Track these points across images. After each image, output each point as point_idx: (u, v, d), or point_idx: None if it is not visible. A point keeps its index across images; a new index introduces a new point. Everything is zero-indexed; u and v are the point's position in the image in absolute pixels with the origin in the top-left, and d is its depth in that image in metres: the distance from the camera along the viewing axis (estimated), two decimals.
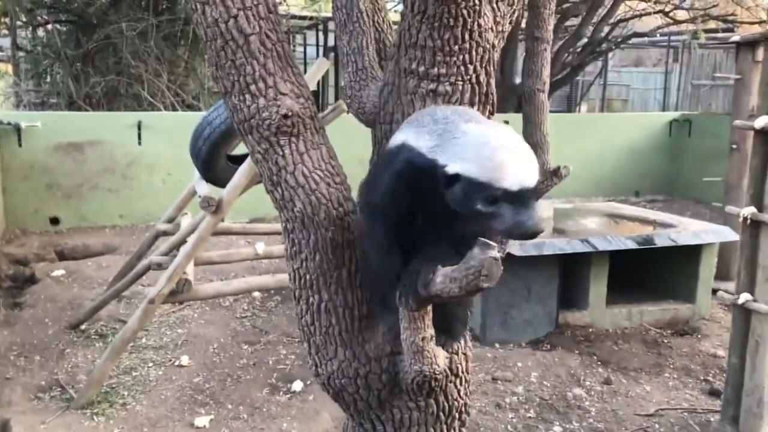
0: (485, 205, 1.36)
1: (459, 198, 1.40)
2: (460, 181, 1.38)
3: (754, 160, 3.38)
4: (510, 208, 1.34)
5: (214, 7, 1.59)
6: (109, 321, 4.95)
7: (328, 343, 1.79)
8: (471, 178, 1.36)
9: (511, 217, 1.34)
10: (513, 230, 1.36)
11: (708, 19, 10.38)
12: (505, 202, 1.34)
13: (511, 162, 1.36)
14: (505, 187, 1.34)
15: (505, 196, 1.34)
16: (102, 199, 7.73)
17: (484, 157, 1.36)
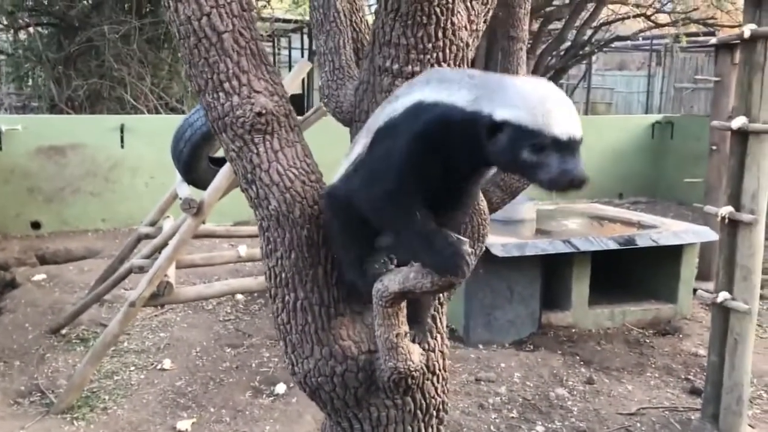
0: (532, 154, 1.32)
1: (503, 147, 1.35)
2: (506, 128, 1.34)
3: (731, 160, 3.42)
4: (557, 156, 1.31)
5: (186, 4, 1.59)
6: (91, 325, 4.91)
7: (304, 341, 1.79)
8: (520, 124, 1.32)
9: (557, 166, 1.31)
10: (559, 178, 1.32)
11: (689, 23, 10.49)
12: (552, 151, 1.32)
13: (560, 111, 1.34)
14: (554, 134, 1.31)
15: (554, 144, 1.31)
16: (84, 202, 7.67)
17: (533, 105, 1.33)
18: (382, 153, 1.53)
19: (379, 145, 1.55)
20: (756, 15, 3.24)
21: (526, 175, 1.39)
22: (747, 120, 3.26)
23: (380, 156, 1.54)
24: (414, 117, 1.48)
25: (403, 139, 1.48)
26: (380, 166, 1.53)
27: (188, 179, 4.38)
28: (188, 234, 3.91)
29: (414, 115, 1.48)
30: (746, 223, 3.29)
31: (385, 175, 1.50)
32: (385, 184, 1.50)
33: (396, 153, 1.49)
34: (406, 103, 1.51)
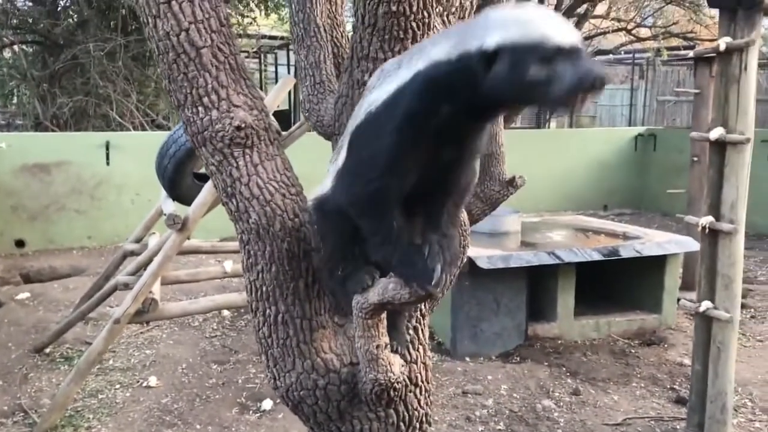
0: (541, 68, 1.19)
1: (506, 74, 1.22)
2: (503, 54, 1.22)
3: (710, 170, 3.46)
4: (567, 64, 1.19)
5: (165, 20, 1.60)
6: (75, 343, 4.87)
7: (286, 355, 1.79)
8: (517, 43, 1.21)
9: (571, 72, 1.18)
10: (581, 82, 1.18)
11: (669, 37, 10.66)
12: (559, 60, 1.19)
13: (552, 22, 1.23)
14: (556, 43, 1.20)
15: (560, 52, 1.20)
16: (69, 220, 7.63)
17: (523, 22, 1.22)
18: (364, 152, 1.45)
19: (361, 147, 1.47)
20: (731, 28, 3.30)
21: (539, 95, 1.24)
22: (724, 131, 3.31)
23: (361, 155, 1.46)
24: (393, 105, 1.38)
25: (388, 130, 1.38)
26: (362, 164, 1.45)
27: (173, 195, 4.38)
28: (173, 250, 3.90)
29: (393, 103, 1.38)
30: (726, 232, 3.33)
31: (368, 172, 1.42)
32: (367, 185, 1.43)
33: (382, 146, 1.39)
34: (381, 95, 1.42)
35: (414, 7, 1.64)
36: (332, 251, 1.67)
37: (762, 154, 7.95)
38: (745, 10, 3.26)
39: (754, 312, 5.59)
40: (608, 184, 10.10)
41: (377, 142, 1.41)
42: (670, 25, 10.60)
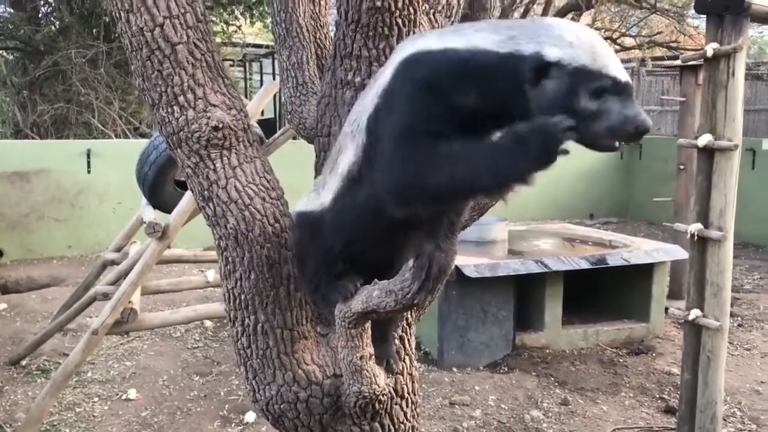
0: (591, 101, 1.13)
1: (555, 93, 1.15)
2: (559, 71, 1.14)
3: (698, 177, 3.43)
4: (618, 101, 1.13)
5: (138, 15, 1.53)
6: (53, 355, 4.75)
7: (266, 366, 1.71)
8: (578, 65, 1.13)
9: (620, 112, 1.12)
10: (624, 126, 1.12)
11: (653, 46, 10.74)
12: (612, 95, 1.13)
13: (611, 53, 1.16)
14: (615, 75, 1.13)
15: (614, 87, 1.13)
16: (49, 229, 7.49)
17: (586, 44, 1.14)
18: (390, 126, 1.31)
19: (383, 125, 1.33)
20: (718, 34, 3.28)
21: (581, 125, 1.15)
22: (712, 137, 3.29)
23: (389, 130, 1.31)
24: (414, 67, 1.27)
25: (405, 95, 1.27)
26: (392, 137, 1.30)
27: (154, 203, 4.28)
28: (153, 259, 3.80)
29: (413, 65, 1.27)
30: (715, 240, 3.29)
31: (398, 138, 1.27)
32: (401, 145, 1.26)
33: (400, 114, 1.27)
34: (395, 64, 1.31)
35: (399, 3, 1.58)
36: (317, 269, 1.60)
37: (747, 162, 7.99)
38: (732, 15, 3.24)
39: (741, 320, 5.58)
40: (595, 192, 10.11)
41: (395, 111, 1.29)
42: (654, 34, 10.69)
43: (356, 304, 1.44)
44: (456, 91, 1.24)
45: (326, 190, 1.55)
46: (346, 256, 1.55)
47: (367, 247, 1.53)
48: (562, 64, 1.15)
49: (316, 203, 1.58)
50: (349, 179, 1.46)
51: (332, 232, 1.53)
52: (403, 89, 1.29)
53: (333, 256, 1.56)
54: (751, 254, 8.04)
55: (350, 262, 1.55)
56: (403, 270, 1.32)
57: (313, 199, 1.60)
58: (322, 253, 1.58)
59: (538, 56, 1.15)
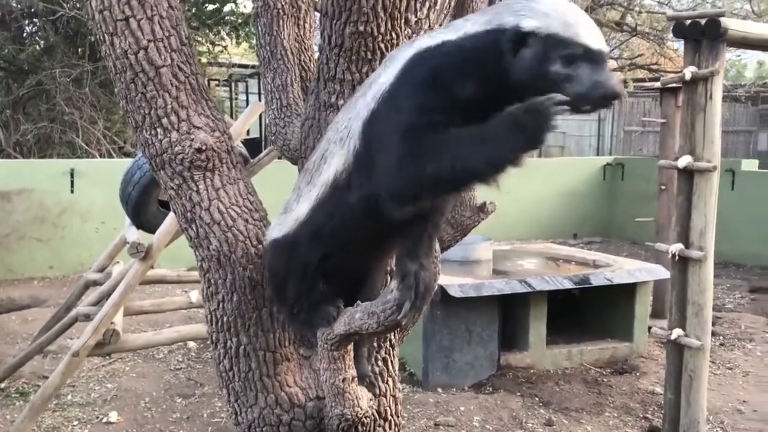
0: (563, 65, 1.20)
1: (531, 61, 1.22)
2: (534, 39, 1.22)
3: (679, 198, 3.49)
4: (588, 68, 1.20)
5: (123, 38, 1.54)
6: (32, 378, 4.67)
7: (248, 388, 1.70)
8: (550, 33, 1.21)
9: (589, 78, 1.19)
10: (593, 90, 1.19)
11: (634, 68, 10.91)
12: (583, 62, 1.20)
13: (587, 23, 1.23)
14: (586, 44, 1.20)
15: (586, 54, 1.20)
16: (30, 249, 7.40)
17: (562, 14, 1.22)
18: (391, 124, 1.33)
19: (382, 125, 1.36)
20: (695, 58, 3.35)
21: (555, 90, 1.21)
22: (692, 159, 3.34)
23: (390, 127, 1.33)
24: (414, 66, 1.32)
25: (406, 93, 1.31)
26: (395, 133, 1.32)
27: (137, 223, 4.26)
28: (136, 279, 3.77)
29: (413, 65, 1.33)
30: (695, 259, 3.34)
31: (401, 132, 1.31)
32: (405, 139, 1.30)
33: (402, 111, 1.31)
34: (394, 70, 1.35)
35: (382, 27, 1.60)
36: (297, 294, 1.58)
37: (727, 183, 8.11)
38: (709, 41, 3.32)
39: (723, 339, 5.62)
40: (578, 212, 10.19)
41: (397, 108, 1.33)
42: (635, 57, 10.87)
43: (338, 327, 1.44)
44: (456, 79, 1.30)
45: (301, 203, 1.55)
46: (322, 271, 1.54)
47: (343, 260, 1.54)
48: (536, 33, 1.22)
49: (288, 222, 1.58)
50: (333, 187, 1.47)
51: (309, 244, 1.53)
52: (406, 89, 1.34)
53: (311, 275, 1.55)
54: (732, 273, 8.12)
55: (326, 278, 1.55)
56: (384, 292, 1.33)
57: (285, 220, 1.60)
58: (300, 276, 1.57)
59: (516, 27, 1.24)
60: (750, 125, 16.62)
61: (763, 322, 6.14)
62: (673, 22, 3.57)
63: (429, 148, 1.29)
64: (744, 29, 3.39)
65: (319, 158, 1.53)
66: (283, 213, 1.61)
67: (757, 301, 6.95)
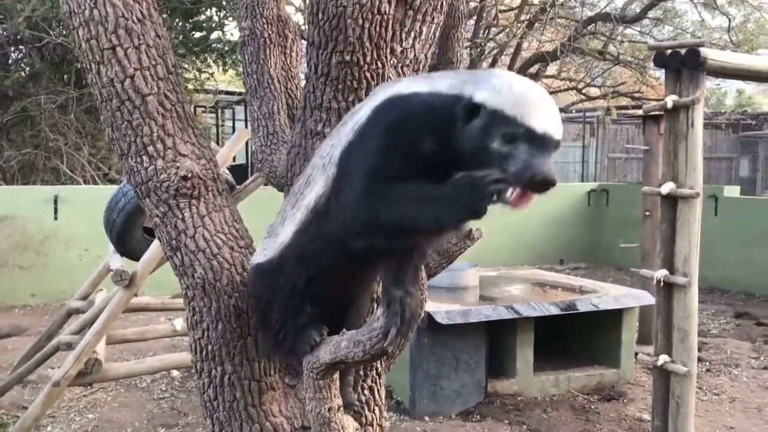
0: (503, 143, 1.23)
1: (476, 136, 1.26)
2: (483, 112, 1.26)
3: (663, 224, 3.52)
4: (527, 149, 1.21)
5: (109, 66, 1.54)
6: (11, 408, 4.57)
7: (233, 418, 1.68)
8: (496, 108, 1.24)
9: (524, 159, 1.20)
10: (524, 172, 1.19)
11: (617, 96, 11.08)
12: (523, 143, 1.22)
13: (542, 107, 1.25)
14: (529, 125, 1.22)
15: (526, 135, 1.22)
16: (12, 277, 7.30)
17: (515, 94, 1.25)
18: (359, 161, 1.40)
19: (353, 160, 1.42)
20: (677, 87, 3.41)
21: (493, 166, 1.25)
22: (675, 185, 3.38)
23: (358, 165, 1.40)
24: (387, 109, 1.39)
25: (375, 135, 1.37)
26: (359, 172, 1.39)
27: (121, 250, 4.22)
28: (119, 307, 3.73)
29: (386, 107, 1.39)
30: (680, 285, 3.36)
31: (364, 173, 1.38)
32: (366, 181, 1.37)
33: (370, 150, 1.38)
34: (371, 106, 1.42)
35: (368, 57, 1.62)
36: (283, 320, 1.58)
37: (710, 209, 8.21)
38: (689, 70, 3.38)
39: (709, 365, 5.63)
40: (563, 238, 10.24)
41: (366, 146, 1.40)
42: (618, 85, 11.06)
43: (324, 355, 1.43)
44: (417, 131, 1.35)
45: (286, 226, 1.58)
46: (308, 294, 1.55)
47: (327, 284, 1.56)
48: (485, 107, 1.26)
49: (273, 246, 1.60)
50: (314, 211, 1.51)
51: (294, 267, 1.55)
52: (375, 130, 1.39)
53: (296, 298, 1.56)
54: (716, 299, 8.17)
55: (312, 301, 1.56)
56: (370, 320, 1.32)
57: (269, 245, 1.62)
58: (284, 300, 1.58)
59: (469, 98, 1.29)
60: (731, 152, 16.90)
61: (748, 347, 6.17)
62: (654, 52, 3.64)
63: (384, 197, 1.35)
64: (723, 59, 3.46)
65: (304, 182, 1.57)
66: (267, 237, 1.63)
67: (742, 326, 6.98)
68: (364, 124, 1.42)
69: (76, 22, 1.57)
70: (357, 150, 1.42)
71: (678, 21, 10.32)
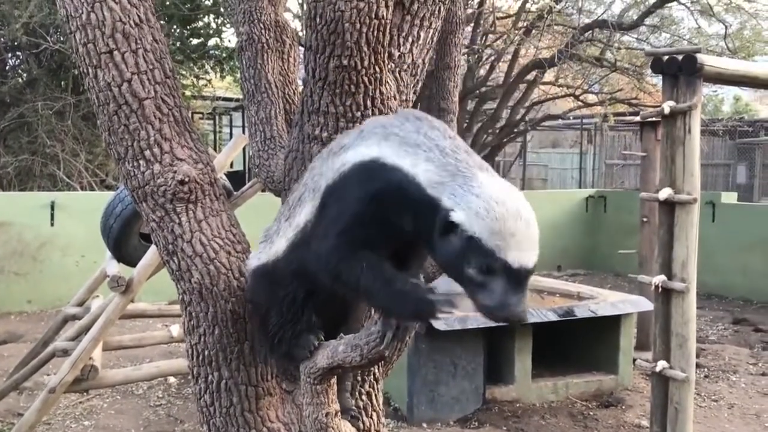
0: (478, 272, 1.21)
1: (451, 253, 1.24)
2: (460, 233, 1.22)
3: (661, 230, 3.51)
4: (502, 284, 1.20)
5: (106, 70, 1.54)
6: (7, 416, 4.55)
7: (229, 424, 1.67)
8: (475, 237, 1.20)
9: (500, 296, 1.19)
10: (497, 311, 1.21)
11: (614, 103, 11.10)
12: (499, 277, 1.20)
13: (521, 234, 1.21)
14: (507, 260, 1.19)
15: (503, 270, 1.19)
16: (8, 283, 7.28)
17: (494, 218, 1.20)
18: (334, 214, 1.41)
19: (331, 206, 1.42)
20: (674, 93, 3.41)
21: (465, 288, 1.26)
22: (672, 191, 3.38)
23: (333, 217, 1.41)
24: (369, 174, 1.36)
25: (354, 197, 1.37)
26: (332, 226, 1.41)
27: (118, 256, 4.21)
28: (116, 313, 3.71)
29: (369, 171, 1.36)
30: (678, 291, 3.35)
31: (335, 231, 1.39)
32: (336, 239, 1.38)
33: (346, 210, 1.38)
34: (357, 156, 1.39)
35: (366, 61, 1.62)
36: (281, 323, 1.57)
37: (707, 215, 8.21)
38: (686, 76, 3.39)
39: (708, 372, 5.62)
40: (561, 244, 10.23)
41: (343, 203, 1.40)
42: (615, 91, 11.08)
43: (321, 360, 1.42)
44: (392, 209, 1.34)
45: (280, 237, 1.58)
46: (306, 303, 1.55)
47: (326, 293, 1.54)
48: (463, 230, 1.22)
49: (269, 252, 1.60)
50: (303, 232, 1.51)
51: (291, 280, 1.55)
52: (354, 191, 1.39)
53: (295, 306, 1.56)
54: (714, 305, 8.17)
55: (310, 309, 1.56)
56: (368, 324, 1.32)
57: (266, 249, 1.62)
58: (284, 307, 1.57)
59: (447, 214, 1.24)
60: (728, 158, 16.95)
61: (746, 353, 6.16)
62: (651, 59, 3.64)
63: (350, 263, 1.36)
64: (719, 65, 3.46)
65: (297, 198, 1.58)
66: (263, 242, 1.63)
67: (740, 332, 6.98)
68: (348, 173, 1.40)
69: (73, 25, 1.56)
70: (337, 196, 1.42)
71: (675, 28, 10.35)
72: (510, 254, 1.19)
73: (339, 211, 1.40)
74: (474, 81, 10.21)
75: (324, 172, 1.48)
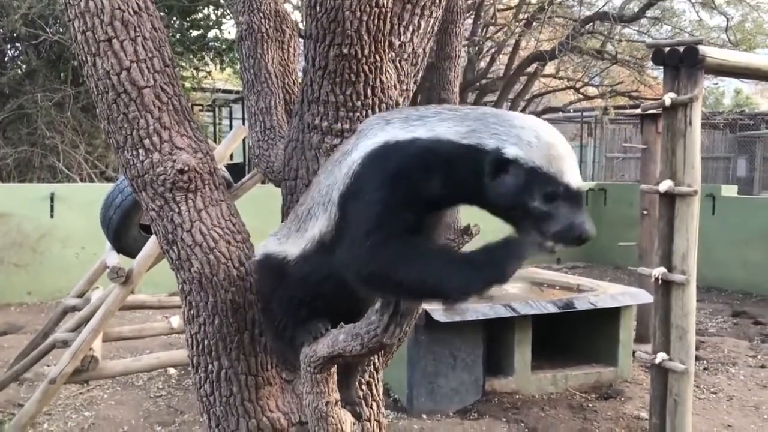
0: (543, 202, 1.18)
1: (510, 191, 1.19)
2: (516, 169, 1.19)
3: (661, 222, 3.51)
4: (567, 207, 1.19)
5: (105, 59, 1.53)
6: (7, 406, 4.55)
7: (229, 414, 1.67)
8: (534, 167, 1.18)
9: (568, 218, 1.18)
10: (569, 233, 1.19)
11: (615, 95, 11.09)
12: (562, 201, 1.19)
13: (570, 158, 1.21)
14: (568, 182, 1.19)
15: (566, 193, 1.19)
16: (7, 275, 7.28)
17: (546, 147, 1.19)
18: (358, 217, 1.34)
19: (351, 212, 1.36)
20: (675, 85, 3.40)
21: (530, 223, 1.21)
22: (673, 183, 3.38)
23: (357, 221, 1.34)
24: (384, 158, 1.31)
25: (374, 187, 1.30)
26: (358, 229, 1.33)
27: (118, 247, 4.21)
28: (116, 305, 3.72)
29: (383, 155, 1.31)
30: (678, 283, 3.35)
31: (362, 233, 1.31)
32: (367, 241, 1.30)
33: (369, 206, 1.31)
34: (365, 149, 1.34)
35: (366, 50, 1.61)
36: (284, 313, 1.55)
37: (707, 208, 8.21)
38: (687, 68, 3.37)
39: (707, 364, 5.63)
40: None
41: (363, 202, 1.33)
42: (616, 84, 11.08)
43: (322, 349, 1.42)
44: (422, 180, 1.28)
45: (291, 245, 1.54)
46: (313, 305, 1.54)
47: (335, 300, 1.53)
48: (519, 163, 1.20)
49: (280, 249, 1.57)
50: (320, 243, 1.47)
51: (301, 284, 1.53)
52: (374, 179, 1.32)
53: (301, 304, 1.55)
54: (714, 298, 8.17)
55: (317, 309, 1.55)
56: (368, 313, 1.32)
57: (277, 244, 1.59)
58: (288, 299, 1.56)
59: (498, 152, 1.21)
60: (728, 152, 16.92)
61: (745, 346, 6.17)
62: (652, 50, 3.63)
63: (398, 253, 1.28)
64: (721, 57, 3.45)
65: (305, 212, 1.53)
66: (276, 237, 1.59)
67: (739, 325, 6.98)
68: (359, 170, 1.35)
69: (71, 13, 1.56)
70: (357, 197, 1.36)
71: (676, 20, 10.33)
72: (568, 177, 1.20)
73: (362, 212, 1.34)
74: (474, 73, 10.19)
75: (333, 182, 1.44)
